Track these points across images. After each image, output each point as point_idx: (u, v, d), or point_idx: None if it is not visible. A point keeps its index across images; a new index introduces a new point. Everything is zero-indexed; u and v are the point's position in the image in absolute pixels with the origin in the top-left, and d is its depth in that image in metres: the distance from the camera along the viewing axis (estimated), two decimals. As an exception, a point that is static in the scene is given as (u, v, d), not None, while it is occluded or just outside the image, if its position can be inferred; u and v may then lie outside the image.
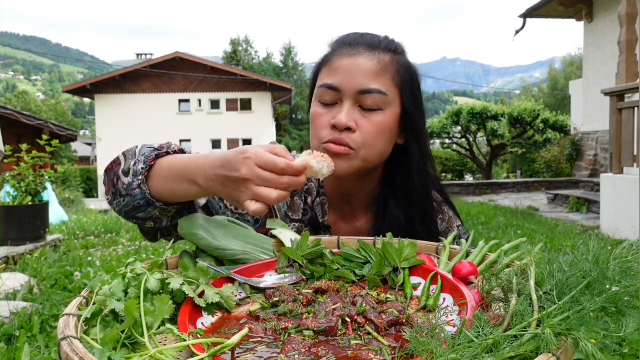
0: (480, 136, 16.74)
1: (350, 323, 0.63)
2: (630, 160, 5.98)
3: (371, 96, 0.97)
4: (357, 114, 0.98)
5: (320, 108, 1.01)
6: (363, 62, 0.98)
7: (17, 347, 2.45)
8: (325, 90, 1.00)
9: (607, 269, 0.56)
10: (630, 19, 6.38)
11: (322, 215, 1.09)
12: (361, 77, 0.97)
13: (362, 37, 1.03)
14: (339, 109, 0.99)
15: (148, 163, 0.89)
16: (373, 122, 0.98)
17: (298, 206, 1.09)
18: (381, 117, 0.99)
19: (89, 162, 44.65)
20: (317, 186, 1.11)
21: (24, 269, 4.28)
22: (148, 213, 0.91)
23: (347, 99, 0.98)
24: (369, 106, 0.98)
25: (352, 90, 0.98)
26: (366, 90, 0.97)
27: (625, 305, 0.53)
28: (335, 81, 0.99)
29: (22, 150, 5.28)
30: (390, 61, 1.01)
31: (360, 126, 0.98)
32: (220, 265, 0.84)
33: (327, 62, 1.02)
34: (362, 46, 1.01)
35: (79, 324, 0.59)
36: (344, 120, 0.96)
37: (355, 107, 0.99)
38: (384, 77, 0.99)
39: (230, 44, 45.82)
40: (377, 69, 0.98)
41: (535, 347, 0.50)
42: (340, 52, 1.01)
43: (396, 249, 0.80)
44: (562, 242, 5.34)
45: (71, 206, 12.15)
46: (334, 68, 1.00)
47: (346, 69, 0.98)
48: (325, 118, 1.00)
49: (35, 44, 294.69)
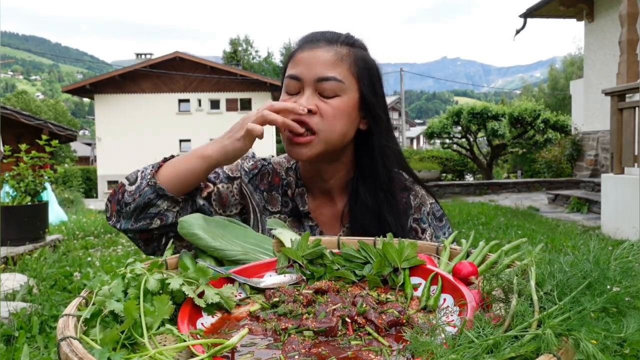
0: (481, 136, 16.74)
1: (350, 323, 0.63)
2: (631, 160, 5.97)
3: (328, 83, 1.07)
4: (316, 100, 1.07)
5: (285, 97, 1.11)
6: (321, 53, 1.08)
7: (16, 348, 2.45)
8: (289, 81, 1.10)
9: (607, 270, 0.56)
10: (631, 18, 6.37)
11: (302, 204, 1.19)
12: (319, 67, 1.07)
13: (322, 34, 1.14)
14: (300, 97, 1.08)
15: (156, 165, 1.06)
16: (332, 105, 1.07)
17: (276, 199, 1.20)
18: (338, 102, 1.08)
19: (88, 162, 44.66)
20: (296, 178, 1.22)
21: (23, 269, 4.28)
22: (157, 207, 1.03)
23: (308, 87, 1.08)
24: (327, 93, 1.07)
25: (311, 79, 1.07)
26: (323, 78, 1.07)
27: (626, 305, 0.53)
28: (297, 71, 1.09)
29: (21, 150, 5.27)
30: (347, 53, 1.10)
31: (320, 110, 1.07)
32: (220, 265, 0.84)
33: (292, 57, 1.13)
34: (322, 41, 1.11)
35: (79, 325, 0.59)
36: (305, 103, 1.05)
37: (315, 94, 1.08)
38: (340, 67, 1.08)
39: (230, 43, 45.81)
40: (333, 59, 1.08)
41: (535, 348, 0.49)
42: (302, 47, 1.12)
43: (396, 249, 0.80)
44: (562, 243, 5.34)
45: (70, 206, 12.15)
46: (296, 61, 1.10)
47: (306, 60, 1.09)
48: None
49: (35, 43, 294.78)
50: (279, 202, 1.20)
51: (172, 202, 1.04)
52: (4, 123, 12.09)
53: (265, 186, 1.21)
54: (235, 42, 46.01)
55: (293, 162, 1.25)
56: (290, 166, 1.24)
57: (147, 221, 1.04)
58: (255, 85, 28.67)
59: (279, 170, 1.23)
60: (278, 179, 1.22)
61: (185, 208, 1.08)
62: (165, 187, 1.02)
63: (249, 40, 47.94)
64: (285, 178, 1.22)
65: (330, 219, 1.21)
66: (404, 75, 29.84)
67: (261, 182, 1.21)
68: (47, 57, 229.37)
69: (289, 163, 1.25)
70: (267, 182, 1.22)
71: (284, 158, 1.27)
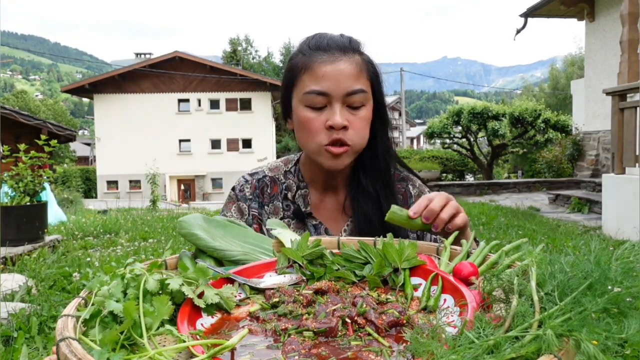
0: (481, 136, 16.75)
1: (350, 324, 0.63)
2: (632, 160, 5.97)
3: (357, 96, 1.10)
4: (346, 113, 1.10)
5: (311, 112, 1.11)
6: (344, 66, 1.10)
7: (15, 349, 2.45)
8: (315, 97, 1.10)
9: (608, 270, 0.56)
10: (632, 18, 6.37)
11: (304, 205, 1.23)
12: (346, 81, 1.09)
13: (332, 40, 1.14)
14: (329, 111, 1.10)
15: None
16: (360, 117, 1.12)
17: (278, 207, 1.24)
18: (365, 112, 1.13)
19: (87, 162, 44.67)
20: (297, 181, 1.25)
21: (22, 269, 4.27)
22: None
23: (337, 101, 1.10)
24: (356, 104, 1.11)
25: (340, 94, 1.09)
26: (352, 92, 1.10)
27: (627, 306, 0.53)
28: (324, 87, 1.09)
29: (20, 150, 5.26)
30: (362, 61, 1.13)
31: (351, 124, 1.10)
32: (220, 265, 0.84)
33: (308, 68, 1.12)
34: (336, 50, 1.12)
35: (78, 325, 0.59)
36: (340, 121, 1.08)
37: (344, 107, 1.11)
38: (362, 77, 1.12)
39: (230, 43, 45.80)
40: (356, 71, 1.11)
41: (536, 348, 0.49)
42: (319, 58, 1.11)
43: (396, 249, 0.80)
44: (563, 243, 5.33)
45: (70, 206, 12.15)
46: (319, 75, 1.10)
47: (331, 75, 1.09)
48: (318, 121, 1.11)
49: (34, 43, 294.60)
50: (281, 208, 1.24)
51: None
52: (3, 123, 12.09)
53: (267, 199, 1.25)
54: (235, 42, 46.01)
55: (291, 165, 1.29)
56: (288, 169, 1.28)
57: None
58: (255, 85, 28.68)
59: (276, 177, 1.27)
60: (276, 187, 1.26)
61: None
62: None
63: (248, 39, 47.95)
64: (284, 182, 1.26)
65: (333, 212, 1.25)
66: (404, 75, 29.85)
67: (263, 198, 1.26)
68: (46, 56, 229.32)
69: (287, 166, 1.29)
70: (268, 195, 1.26)
71: (281, 162, 1.31)
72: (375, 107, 1.17)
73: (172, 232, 7.13)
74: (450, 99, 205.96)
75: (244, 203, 1.25)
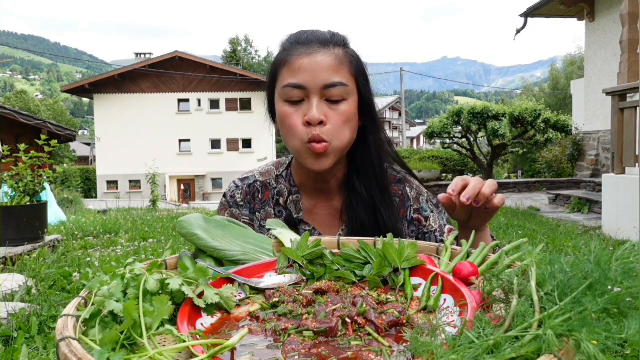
0: (481, 136, 16.74)
1: (350, 324, 0.63)
2: (632, 160, 5.97)
3: (335, 89, 1.05)
4: (324, 107, 1.06)
5: (288, 107, 1.07)
6: (322, 58, 1.06)
7: (15, 349, 2.44)
8: (291, 90, 1.06)
9: (608, 270, 0.55)
10: (632, 18, 6.37)
11: (296, 211, 1.19)
12: (324, 73, 1.05)
13: (313, 35, 1.10)
14: (307, 105, 1.06)
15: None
16: (339, 112, 1.06)
17: (270, 213, 1.21)
18: (346, 107, 1.07)
19: (87, 162, 44.66)
20: (289, 186, 1.21)
21: (22, 269, 4.27)
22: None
23: (314, 94, 1.05)
24: (335, 98, 1.06)
25: (317, 86, 1.05)
26: (330, 84, 1.05)
27: (627, 306, 0.53)
28: (300, 80, 1.05)
29: (20, 150, 5.26)
30: (344, 54, 1.09)
31: (328, 118, 1.05)
32: (220, 265, 0.84)
33: (286, 62, 1.08)
34: (315, 44, 1.08)
35: (78, 325, 0.59)
36: (317, 115, 1.03)
37: (322, 101, 1.06)
38: (342, 70, 1.07)
39: (230, 43, 45.79)
40: (335, 63, 1.06)
41: (536, 348, 0.49)
42: (298, 51, 1.07)
43: (396, 249, 0.80)
44: (563, 243, 5.33)
45: (70, 206, 12.14)
46: (295, 68, 1.06)
47: (308, 67, 1.05)
48: (296, 116, 1.06)
49: (34, 43, 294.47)
50: (273, 214, 1.21)
51: None
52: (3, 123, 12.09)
53: (259, 205, 1.22)
54: (234, 42, 46.00)
55: (282, 169, 1.24)
56: (279, 173, 1.24)
57: None
58: (255, 85, 28.67)
59: (268, 182, 1.23)
60: (268, 193, 1.22)
61: None
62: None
63: (248, 39, 47.95)
64: (275, 187, 1.22)
65: (327, 218, 1.21)
66: (404, 75, 29.85)
67: (255, 203, 1.22)
68: (46, 56, 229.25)
69: (279, 170, 1.24)
70: (259, 201, 1.22)
71: (272, 166, 1.27)
72: (362, 106, 1.12)
73: (172, 232, 7.13)
74: (450, 99, 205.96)
75: (236, 209, 1.22)
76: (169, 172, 27.25)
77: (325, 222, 1.20)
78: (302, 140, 1.06)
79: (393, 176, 1.23)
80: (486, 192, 0.94)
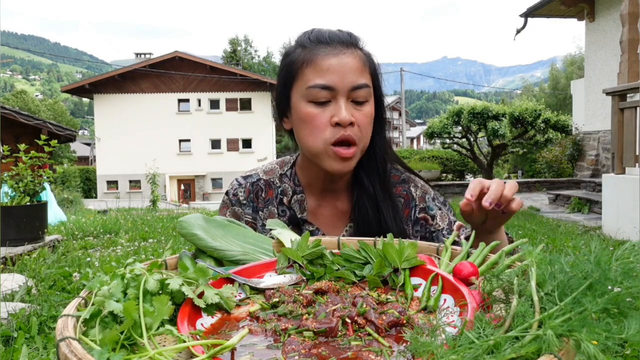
0: (481, 136, 16.73)
1: (350, 324, 0.63)
2: (632, 160, 5.97)
3: (362, 90, 1.06)
4: (351, 109, 1.06)
5: (314, 108, 1.06)
6: (348, 60, 1.06)
7: (15, 349, 2.44)
8: (318, 91, 1.05)
9: (608, 270, 0.55)
10: (632, 18, 6.37)
11: (300, 211, 1.19)
12: (351, 75, 1.05)
13: (334, 35, 1.10)
14: (333, 107, 1.05)
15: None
16: (364, 113, 1.07)
17: (273, 212, 1.20)
18: (369, 108, 1.08)
19: (87, 162, 44.65)
20: (293, 185, 1.21)
21: (22, 269, 4.27)
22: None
23: (342, 96, 1.05)
24: (361, 99, 1.06)
25: (345, 88, 1.05)
26: (357, 86, 1.05)
27: (627, 306, 0.53)
28: (329, 81, 1.04)
29: (20, 150, 5.26)
30: (364, 56, 1.10)
31: (357, 120, 1.06)
32: (220, 265, 0.84)
33: (311, 62, 1.06)
34: (339, 44, 1.07)
35: (78, 325, 0.59)
36: (347, 116, 1.03)
37: (349, 102, 1.06)
38: (365, 72, 1.08)
39: (230, 43, 45.77)
40: (360, 65, 1.07)
41: (536, 349, 0.49)
42: (322, 51, 1.06)
43: (396, 249, 0.80)
44: (563, 243, 5.33)
45: (70, 206, 12.14)
46: (323, 68, 1.05)
47: (337, 68, 1.04)
48: (323, 117, 1.05)
49: (34, 43, 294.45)
50: (276, 213, 1.20)
51: None
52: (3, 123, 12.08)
53: (262, 204, 1.21)
54: (234, 42, 45.98)
55: (287, 168, 1.23)
56: (284, 172, 1.23)
57: None
58: (255, 85, 28.66)
59: (271, 181, 1.22)
60: (271, 191, 1.21)
61: None
62: None
63: (248, 39, 47.92)
64: (279, 186, 1.21)
65: (331, 219, 1.20)
66: (404, 75, 29.84)
67: (258, 202, 1.21)
68: (46, 56, 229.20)
69: (283, 169, 1.23)
70: (262, 199, 1.21)
71: (277, 164, 1.25)
72: (376, 104, 1.12)
73: (172, 232, 7.13)
74: (450, 99, 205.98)
75: (238, 207, 1.21)
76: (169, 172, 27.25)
77: (329, 223, 1.20)
78: (327, 142, 1.05)
79: (397, 176, 1.23)
80: (508, 195, 0.93)
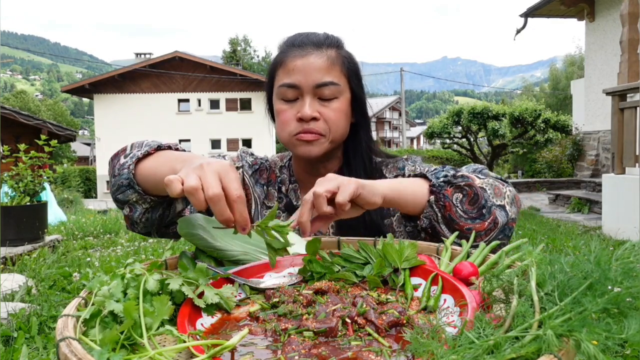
0: (481, 136, 16.74)
1: (350, 324, 0.63)
2: (632, 160, 5.97)
3: (327, 88, 1.12)
4: (317, 105, 1.13)
5: (283, 105, 1.15)
6: (314, 59, 1.13)
7: (14, 349, 2.44)
8: (285, 89, 1.14)
9: (608, 270, 0.55)
10: (632, 18, 6.37)
11: (295, 199, 1.24)
12: (315, 73, 1.12)
13: (307, 37, 1.17)
14: (300, 103, 1.13)
15: (149, 150, 1.02)
16: (331, 109, 1.14)
17: (272, 195, 1.26)
18: (337, 104, 1.14)
19: (87, 162, 44.64)
20: (289, 175, 1.28)
21: (22, 269, 4.27)
22: (126, 196, 1.02)
23: (307, 93, 1.13)
24: (327, 96, 1.13)
25: (309, 86, 1.12)
26: (322, 84, 1.12)
27: (627, 306, 0.53)
28: (294, 80, 1.12)
29: (20, 150, 5.26)
30: (336, 55, 1.16)
31: (322, 114, 1.13)
32: (220, 265, 0.84)
33: (282, 63, 1.15)
34: (309, 46, 1.15)
35: (78, 325, 0.59)
36: (309, 112, 1.11)
37: (315, 99, 1.13)
38: (333, 70, 1.14)
39: (229, 43, 45.78)
40: (327, 63, 1.13)
41: (536, 349, 0.49)
42: (292, 53, 1.14)
43: (396, 249, 0.80)
44: (563, 243, 5.33)
45: (70, 206, 12.14)
46: (289, 69, 1.13)
47: (301, 68, 1.12)
48: (290, 112, 1.14)
49: (34, 43, 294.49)
50: (275, 197, 1.26)
51: (141, 197, 1.01)
52: (3, 123, 12.08)
53: (265, 180, 1.28)
54: (234, 42, 45.99)
55: (286, 160, 1.31)
56: (283, 164, 1.31)
57: (119, 204, 1.05)
58: (255, 85, 28.64)
59: (274, 168, 1.30)
60: (274, 176, 1.29)
61: (155, 209, 1.05)
62: (139, 181, 0.99)
63: (247, 39, 47.93)
64: (279, 175, 1.29)
65: None
66: (404, 75, 29.85)
67: (261, 177, 1.28)
68: (46, 56, 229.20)
69: (283, 162, 1.32)
70: (265, 177, 1.28)
71: (278, 157, 1.34)
72: (354, 103, 1.18)
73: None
74: (450, 99, 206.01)
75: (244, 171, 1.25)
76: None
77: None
78: (291, 134, 1.14)
79: (394, 169, 1.24)
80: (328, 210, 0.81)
